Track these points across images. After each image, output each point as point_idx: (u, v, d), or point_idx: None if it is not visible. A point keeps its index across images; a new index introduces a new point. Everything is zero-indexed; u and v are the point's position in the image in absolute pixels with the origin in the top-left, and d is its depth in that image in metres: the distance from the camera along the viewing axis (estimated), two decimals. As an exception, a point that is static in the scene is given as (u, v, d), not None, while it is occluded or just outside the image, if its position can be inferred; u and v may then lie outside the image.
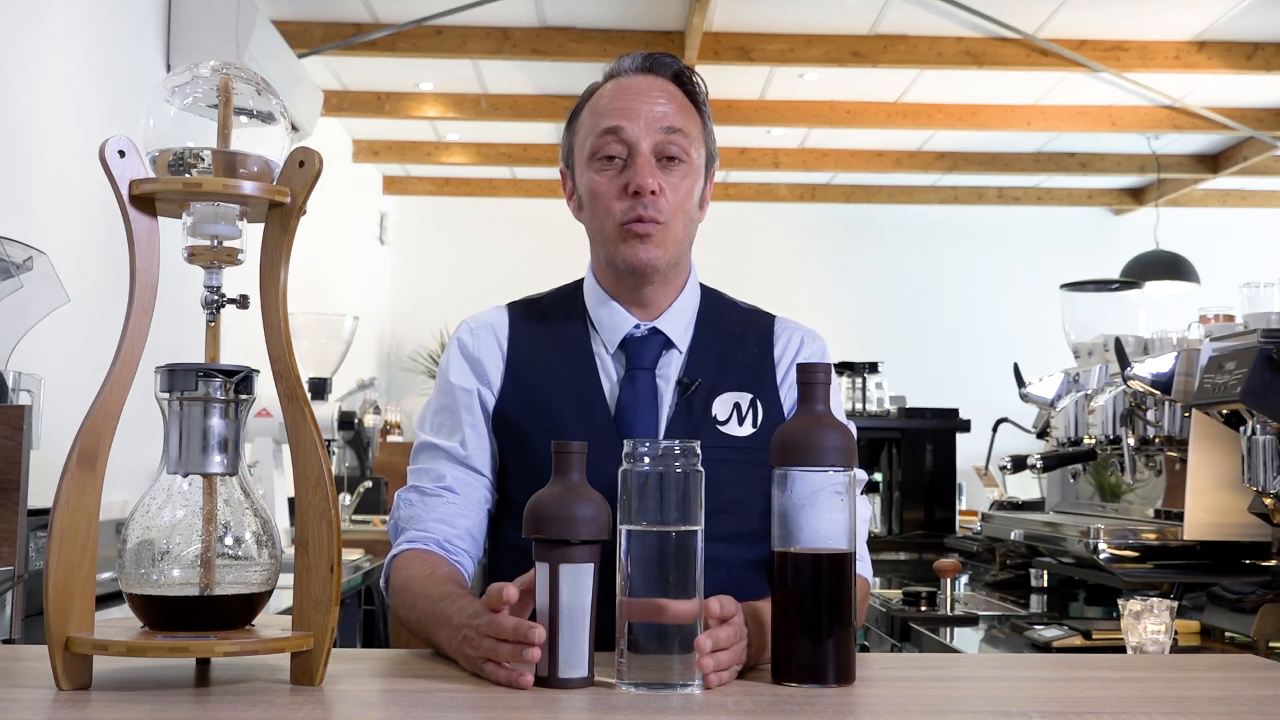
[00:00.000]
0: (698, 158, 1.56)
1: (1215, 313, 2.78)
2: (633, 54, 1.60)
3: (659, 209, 1.51)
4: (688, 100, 1.57)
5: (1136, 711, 1.09)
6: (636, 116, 1.52)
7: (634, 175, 1.50)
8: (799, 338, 1.63)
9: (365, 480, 5.02)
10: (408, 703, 1.12)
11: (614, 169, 1.52)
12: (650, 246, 1.52)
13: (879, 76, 5.67)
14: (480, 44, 5.14)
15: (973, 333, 7.90)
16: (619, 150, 1.52)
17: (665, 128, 1.52)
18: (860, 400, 4.47)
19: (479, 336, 1.61)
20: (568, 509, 1.18)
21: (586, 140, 1.55)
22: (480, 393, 1.58)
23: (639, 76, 1.56)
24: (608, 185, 1.52)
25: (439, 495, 1.54)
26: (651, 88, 1.55)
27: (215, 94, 1.17)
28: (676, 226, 1.54)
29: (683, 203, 1.54)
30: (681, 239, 1.56)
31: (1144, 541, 2.46)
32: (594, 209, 1.55)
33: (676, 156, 1.53)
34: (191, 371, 1.15)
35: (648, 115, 1.52)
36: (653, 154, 1.51)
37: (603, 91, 1.58)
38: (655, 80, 1.56)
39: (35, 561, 2.05)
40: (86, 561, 1.12)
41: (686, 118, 1.55)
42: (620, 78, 1.58)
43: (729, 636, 1.19)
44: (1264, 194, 7.95)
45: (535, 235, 7.84)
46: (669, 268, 1.56)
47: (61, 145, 2.98)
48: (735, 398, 1.55)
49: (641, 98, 1.53)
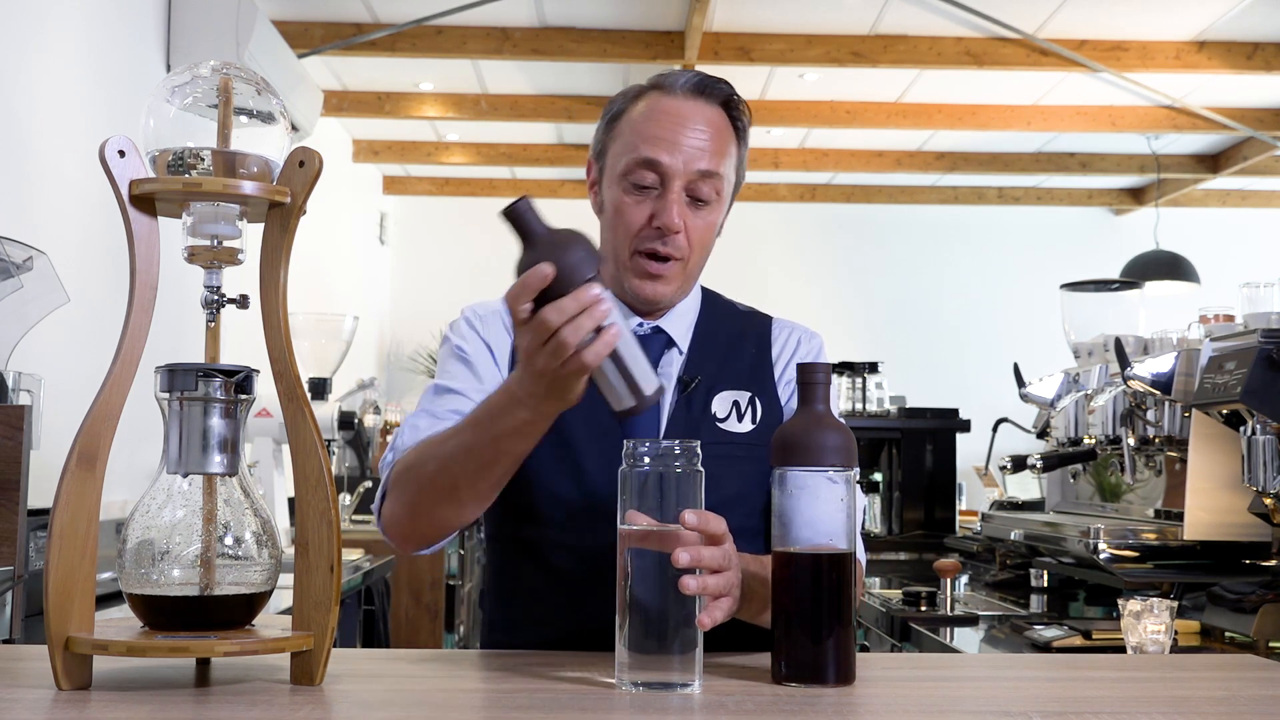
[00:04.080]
0: (727, 191, 1.55)
1: (1215, 313, 2.78)
2: (686, 72, 1.54)
3: (678, 246, 1.51)
4: (730, 128, 1.54)
5: (1136, 711, 1.09)
6: (676, 150, 1.49)
7: (662, 212, 1.49)
8: (796, 337, 1.65)
9: (365, 480, 5.03)
10: (408, 703, 1.12)
11: (643, 196, 1.51)
12: (660, 285, 1.53)
13: (879, 76, 5.67)
14: (480, 44, 5.14)
15: (973, 333, 7.90)
16: (652, 181, 1.50)
17: (701, 170, 1.49)
18: (860, 400, 4.47)
19: (487, 323, 1.60)
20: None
21: (621, 157, 1.52)
22: (492, 372, 1.57)
23: (688, 101, 1.52)
24: (633, 210, 1.51)
25: (449, 419, 1.49)
26: (696, 116, 1.51)
27: (215, 94, 1.17)
28: (692, 262, 1.54)
29: (703, 238, 1.54)
30: (694, 271, 1.57)
31: (1144, 541, 2.46)
32: (614, 225, 1.54)
33: (706, 200, 1.51)
34: (191, 371, 1.15)
35: (686, 151, 1.49)
36: (684, 190, 1.50)
37: (648, 104, 1.53)
38: (701, 106, 1.52)
39: (35, 561, 2.05)
40: (86, 561, 1.12)
41: (724, 157, 1.52)
42: (669, 94, 1.52)
43: (715, 558, 1.17)
44: (1264, 194, 7.95)
45: (535, 235, 7.82)
46: (676, 296, 1.57)
47: (61, 145, 2.98)
48: (734, 395, 1.56)
49: (685, 128, 1.50)
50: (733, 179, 1.56)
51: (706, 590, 1.16)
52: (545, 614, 1.53)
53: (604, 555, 1.23)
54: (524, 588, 1.56)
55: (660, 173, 1.49)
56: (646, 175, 1.49)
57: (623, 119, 1.55)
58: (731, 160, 1.55)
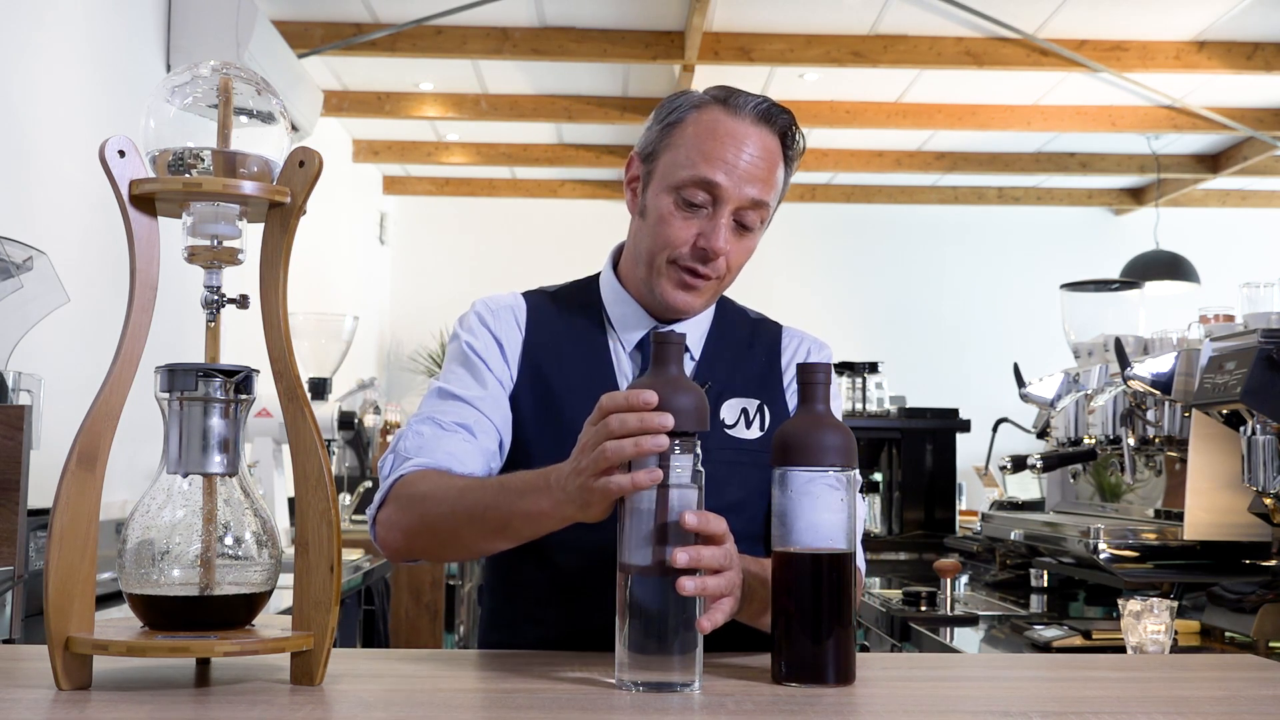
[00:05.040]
0: (769, 218, 1.56)
1: (1215, 313, 2.78)
2: (752, 95, 1.53)
3: (716, 268, 1.52)
4: (782, 158, 1.54)
5: (1136, 711, 1.09)
6: (734, 173, 1.48)
7: (711, 235, 1.49)
8: (806, 347, 1.66)
9: (365, 480, 5.03)
10: (408, 703, 1.12)
11: (693, 214, 1.50)
12: (693, 297, 1.54)
13: (879, 76, 5.67)
14: (480, 44, 5.14)
15: (973, 333, 7.90)
16: (704, 200, 1.49)
17: (753, 198, 1.49)
18: (860, 400, 4.47)
19: (500, 317, 1.59)
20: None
21: (678, 169, 1.50)
22: (501, 369, 1.56)
23: (752, 126, 1.50)
24: (681, 226, 1.50)
25: (455, 431, 1.49)
26: (758, 142, 1.50)
27: (215, 94, 1.17)
28: (726, 281, 1.56)
29: (740, 261, 1.55)
30: (724, 289, 1.59)
31: (1144, 541, 2.46)
32: (656, 233, 1.53)
33: (751, 227, 1.52)
34: (191, 371, 1.15)
35: (743, 175, 1.48)
36: (733, 215, 1.50)
37: (715, 119, 1.51)
38: (764, 133, 1.51)
39: (35, 561, 2.05)
40: (86, 561, 1.12)
41: (773, 185, 1.52)
42: (735, 115, 1.51)
43: (715, 558, 1.16)
44: (1264, 194, 7.95)
45: (535, 235, 7.84)
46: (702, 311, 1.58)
47: (61, 145, 2.98)
48: (743, 403, 1.57)
49: (746, 153, 1.49)
50: (778, 201, 1.57)
51: (705, 591, 1.15)
52: (545, 613, 1.53)
53: (604, 554, 1.23)
54: (524, 586, 1.56)
55: (715, 194, 1.49)
56: (699, 194, 1.49)
57: (683, 127, 1.53)
58: (778, 190, 1.55)
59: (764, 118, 1.51)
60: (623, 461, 1.14)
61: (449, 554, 1.48)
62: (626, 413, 1.14)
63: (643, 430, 1.13)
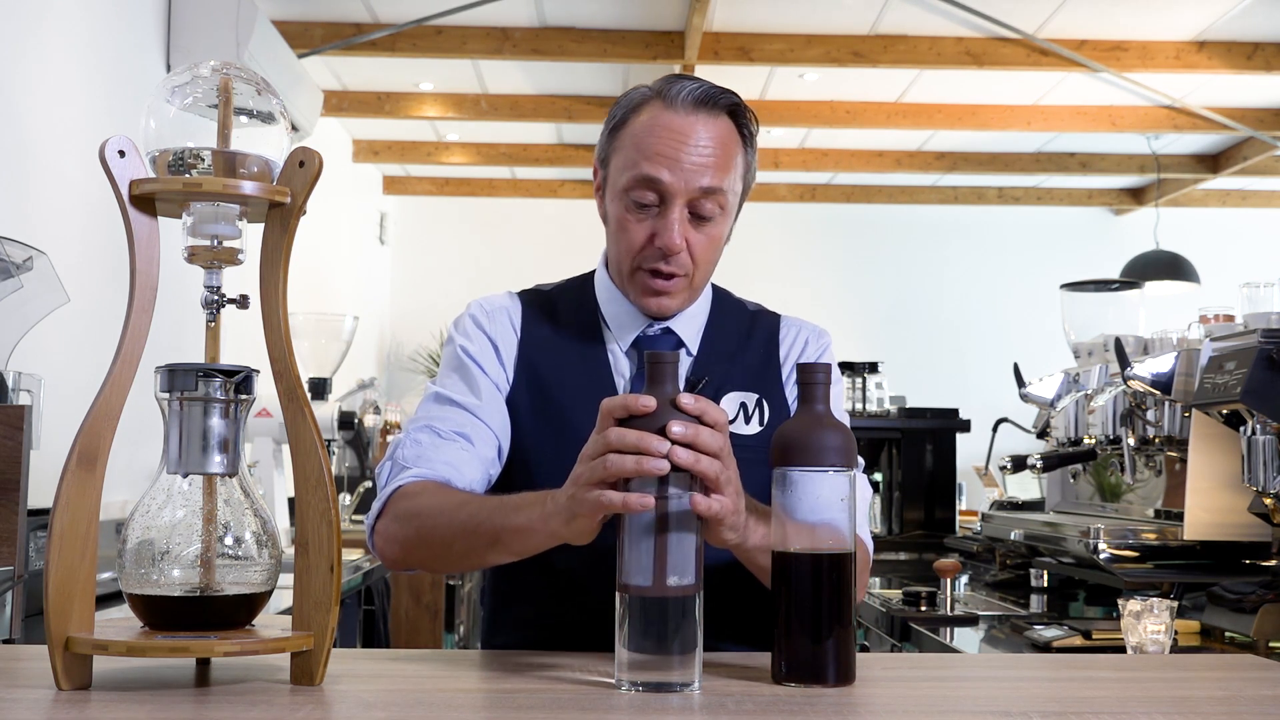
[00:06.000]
0: (733, 202, 1.52)
1: (1215, 313, 2.78)
2: (689, 81, 1.49)
3: (681, 264, 1.49)
4: (737, 137, 1.51)
5: (1136, 711, 1.09)
6: (678, 168, 1.45)
7: (663, 232, 1.46)
8: (804, 336, 1.64)
9: (365, 480, 5.02)
10: (408, 703, 1.12)
11: (645, 214, 1.49)
12: (665, 300, 1.52)
13: (879, 76, 5.67)
14: (480, 44, 5.14)
15: (973, 333, 7.90)
16: (653, 200, 1.47)
17: (704, 187, 1.46)
18: (860, 400, 4.47)
19: (494, 319, 1.59)
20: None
21: (623, 172, 1.49)
22: (497, 372, 1.56)
23: (690, 115, 1.46)
24: (635, 228, 1.49)
25: (453, 440, 1.48)
26: (700, 131, 1.46)
27: (215, 94, 1.17)
28: (698, 277, 1.53)
29: (708, 253, 1.51)
30: (700, 283, 1.55)
31: (1144, 541, 2.46)
32: (617, 239, 1.52)
33: (709, 216, 1.49)
34: (191, 371, 1.15)
35: (688, 169, 1.45)
36: (686, 208, 1.47)
37: (653, 118, 1.48)
38: (705, 119, 1.47)
39: (35, 561, 2.05)
40: (86, 561, 1.12)
41: (728, 170, 1.49)
42: (671, 108, 1.47)
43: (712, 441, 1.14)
44: (1264, 194, 7.95)
45: (535, 235, 7.84)
46: (684, 307, 1.56)
47: (61, 145, 2.98)
48: (742, 397, 1.56)
49: (687, 144, 1.45)
50: (739, 188, 1.53)
51: (699, 468, 1.13)
52: (545, 613, 1.53)
53: (604, 554, 1.23)
54: (524, 587, 1.56)
55: (660, 191, 1.46)
56: (647, 194, 1.47)
57: (625, 129, 1.51)
58: (738, 171, 1.52)
59: (703, 103, 1.48)
60: (622, 476, 1.12)
61: (447, 567, 1.48)
62: (626, 425, 1.13)
63: (640, 448, 1.12)
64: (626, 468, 1.12)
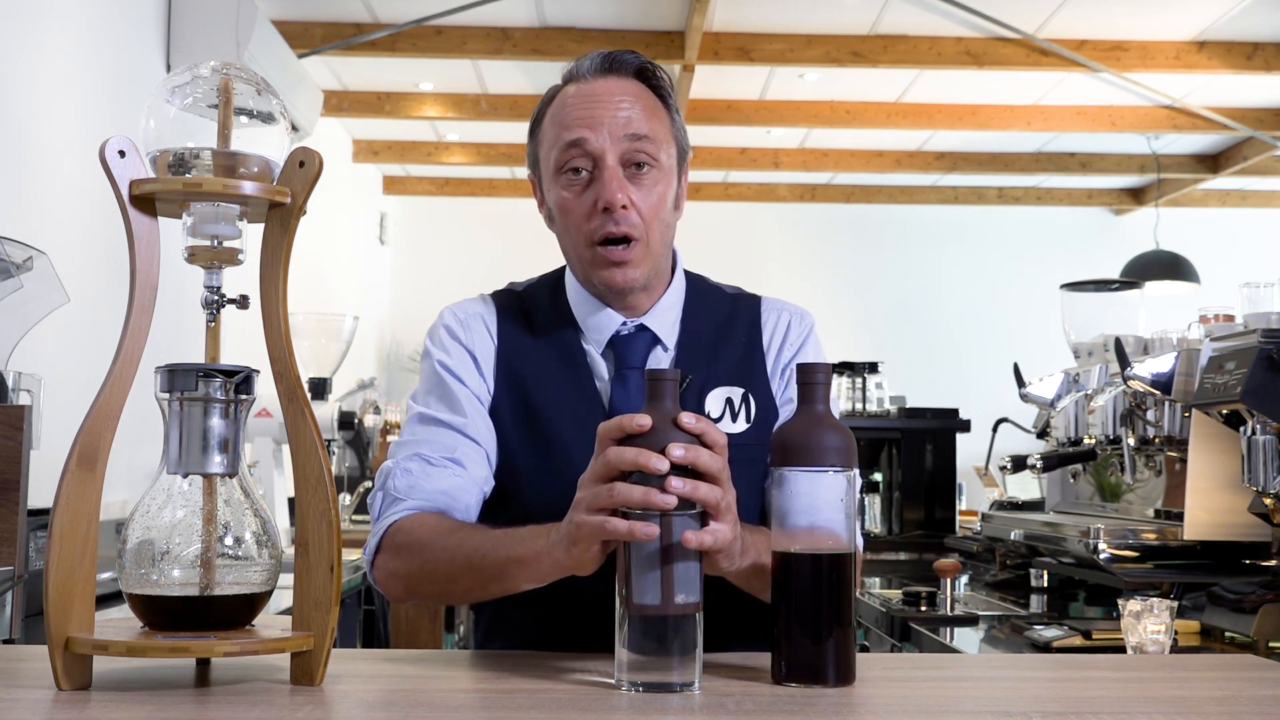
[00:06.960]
0: (668, 159, 1.50)
1: (1215, 313, 2.78)
2: (591, 55, 1.52)
3: (631, 223, 1.46)
4: (653, 96, 1.51)
5: (1136, 711, 1.09)
6: (600, 125, 1.45)
7: (602, 190, 1.45)
8: (786, 319, 1.60)
9: (365, 480, 5.02)
10: (408, 703, 1.12)
11: (581, 183, 1.47)
12: (627, 270, 1.48)
13: (879, 76, 5.67)
14: (480, 44, 5.14)
15: (973, 333, 7.90)
16: (584, 164, 1.46)
17: (631, 135, 1.46)
18: (860, 400, 4.47)
19: (469, 327, 1.56)
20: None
21: (551, 153, 1.49)
22: (477, 383, 1.54)
23: (599, 80, 1.49)
24: (576, 202, 1.47)
25: (444, 466, 1.46)
26: (613, 91, 1.48)
27: (215, 94, 1.17)
28: (653, 239, 1.49)
29: (656, 211, 1.48)
30: (659, 249, 1.51)
31: (1144, 541, 2.46)
32: (565, 225, 1.51)
33: (645, 164, 1.47)
34: (191, 371, 1.15)
35: (611, 123, 1.45)
36: (620, 164, 1.46)
37: (564, 97, 1.50)
38: (617, 82, 1.49)
39: (35, 561, 2.05)
40: (86, 561, 1.12)
41: (653, 119, 1.49)
42: (580, 82, 1.50)
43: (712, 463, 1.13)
44: (1264, 194, 7.95)
45: (535, 235, 7.81)
46: (649, 279, 1.52)
47: (61, 145, 2.98)
48: (726, 393, 1.53)
49: (604, 104, 1.46)
50: (672, 149, 1.52)
51: (697, 495, 1.12)
52: (543, 615, 1.52)
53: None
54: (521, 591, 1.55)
55: (589, 151, 1.46)
56: (578, 159, 1.46)
57: (544, 120, 1.52)
58: (664, 124, 1.51)
59: (607, 68, 1.50)
60: (628, 506, 1.12)
61: (451, 600, 1.49)
62: (624, 444, 1.12)
63: (638, 465, 1.11)
64: (634, 499, 1.11)
